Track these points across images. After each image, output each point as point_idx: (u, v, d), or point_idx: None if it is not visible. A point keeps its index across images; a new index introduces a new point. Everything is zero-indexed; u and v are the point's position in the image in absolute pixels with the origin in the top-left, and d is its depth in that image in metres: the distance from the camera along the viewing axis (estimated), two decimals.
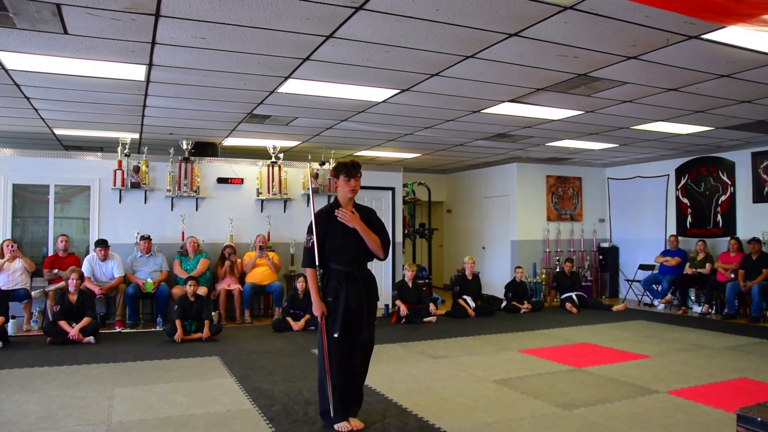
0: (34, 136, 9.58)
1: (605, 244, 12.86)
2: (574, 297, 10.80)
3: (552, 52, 5.23)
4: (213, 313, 8.11)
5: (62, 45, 5.03)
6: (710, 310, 9.82)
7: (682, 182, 11.48)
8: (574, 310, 10.45)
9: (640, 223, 12.37)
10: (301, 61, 5.53)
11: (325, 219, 4.32)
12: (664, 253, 11.07)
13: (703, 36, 4.77)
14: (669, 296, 10.64)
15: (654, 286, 11.03)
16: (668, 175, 11.78)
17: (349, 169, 4.30)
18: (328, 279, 4.27)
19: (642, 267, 11.69)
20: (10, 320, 7.58)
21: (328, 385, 4.14)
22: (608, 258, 12.71)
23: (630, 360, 6.52)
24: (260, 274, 9.26)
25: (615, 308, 10.53)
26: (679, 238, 11.17)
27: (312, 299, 4.28)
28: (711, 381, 5.58)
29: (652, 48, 5.09)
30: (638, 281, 11.51)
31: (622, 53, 5.26)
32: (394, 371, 5.96)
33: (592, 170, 13.08)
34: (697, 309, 10.21)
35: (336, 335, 4.13)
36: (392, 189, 11.06)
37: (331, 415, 4.18)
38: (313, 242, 4.25)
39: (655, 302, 10.97)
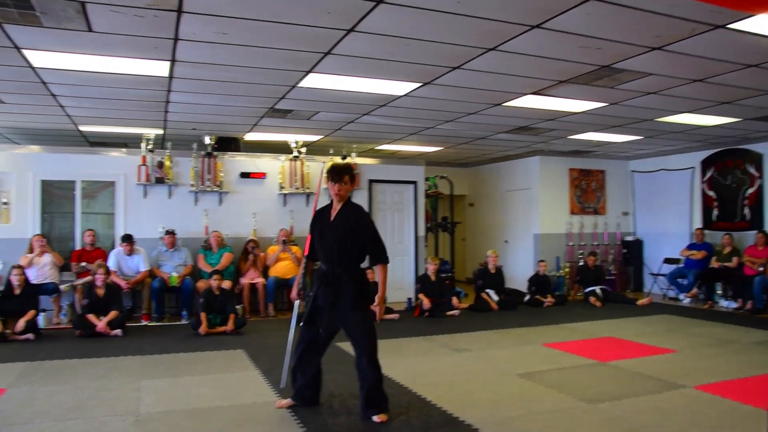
0: (60, 133, 9.72)
1: (629, 238, 12.73)
2: (598, 291, 10.72)
3: (574, 44, 5.19)
4: (237, 307, 8.18)
5: (87, 42, 5.09)
6: (744, 305, 9.61)
7: (708, 175, 11.31)
8: (598, 303, 10.38)
9: (664, 216, 12.22)
10: (323, 56, 5.54)
11: (316, 217, 4.59)
12: (690, 247, 10.93)
13: (729, 25, 4.69)
14: (695, 290, 10.51)
15: (679, 280, 10.89)
16: (693, 167, 11.61)
17: (334, 174, 4.42)
18: (317, 274, 4.54)
19: (667, 261, 11.55)
20: (41, 313, 7.71)
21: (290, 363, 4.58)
22: (632, 251, 12.57)
23: (655, 354, 6.46)
24: (283, 267, 9.31)
25: (639, 302, 10.43)
26: (705, 231, 11.01)
27: None
28: (739, 376, 5.50)
29: (676, 38, 5.02)
30: (663, 275, 11.38)
31: (645, 44, 5.19)
32: (418, 364, 5.98)
33: (615, 163, 12.94)
34: (724, 303, 10.06)
35: (304, 324, 4.45)
36: (414, 183, 11.05)
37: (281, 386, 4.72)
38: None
39: (681, 296, 10.84)
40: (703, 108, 7.80)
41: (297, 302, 4.82)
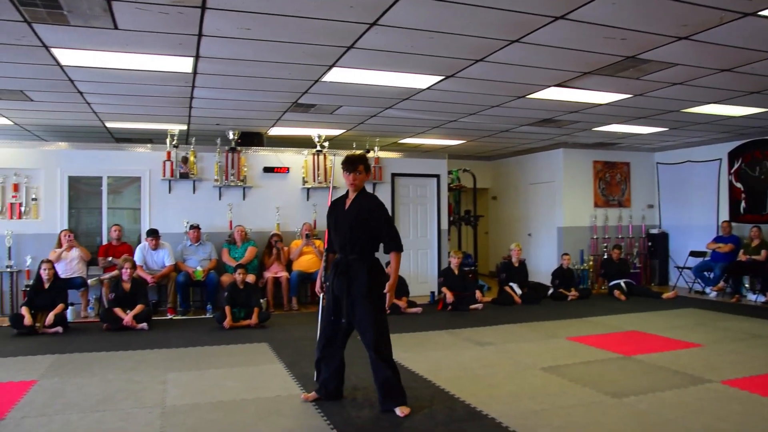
0: (87, 130, 9.86)
1: (654, 231, 12.58)
2: (623, 284, 10.62)
3: (599, 35, 5.13)
4: (261, 301, 8.24)
5: (113, 40, 5.16)
6: None
7: (736, 166, 11.12)
8: (623, 297, 10.28)
9: (690, 208, 12.06)
10: (345, 50, 5.55)
11: (332, 208, 4.63)
12: (717, 240, 10.77)
13: (760, 12, 4.59)
14: (721, 284, 10.35)
15: (705, 273, 10.74)
16: (720, 159, 11.43)
17: (347, 164, 4.48)
18: (332, 265, 4.58)
19: (693, 254, 11.39)
20: (69, 307, 7.83)
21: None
22: (657, 244, 12.44)
23: (681, 348, 6.39)
24: (307, 261, 9.36)
25: (665, 296, 10.31)
26: (733, 224, 10.84)
27: None
28: (767, 371, 5.42)
29: (704, 27, 4.94)
30: (689, 268, 11.24)
31: (672, 34, 5.12)
32: (441, 358, 5.98)
33: (640, 155, 12.78)
34: (752, 297, 9.90)
35: (327, 317, 4.49)
36: (437, 176, 11.02)
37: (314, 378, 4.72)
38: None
39: (707, 290, 10.69)
40: (731, 98, 7.68)
41: (321, 295, 4.83)
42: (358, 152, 4.62)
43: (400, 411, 4.23)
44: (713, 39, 5.24)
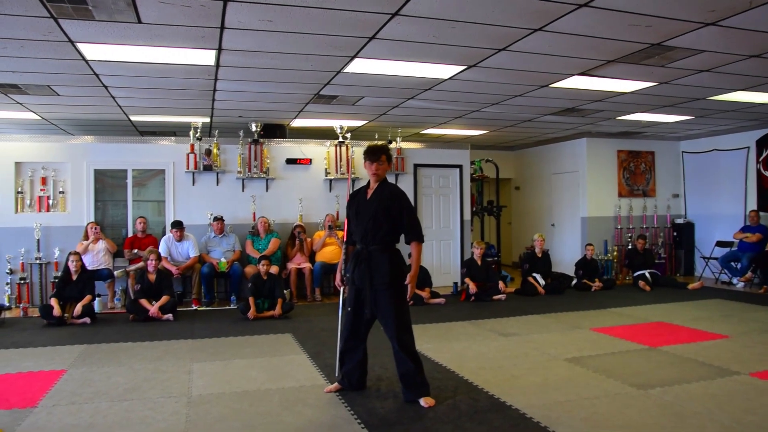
0: (112, 123, 9.98)
1: (680, 221, 12.43)
2: (647, 275, 10.51)
3: (624, 22, 5.06)
4: (285, 292, 8.29)
5: (136, 34, 5.20)
6: None
7: (765, 154, 10.92)
8: (647, 288, 10.18)
9: (717, 198, 11.88)
10: (367, 40, 5.54)
11: (352, 198, 4.62)
12: (744, 229, 10.60)
13: None
14: (749, 274, 10.20)
15: (732, 263, 10.59)
16: (748, 147, 11.22)
17: (370, 154, 4.46)
18: (351, 256, 4.55)
19: (719, 244, 11.24)
20: (96, 298, 7.96)
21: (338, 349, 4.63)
22: (683, 234, 12.28)
23: (707, 340, 6.31)
24: (330, 252, 9.39)
25: (690, 286, 10.18)
26: (761, 213, 10.65)
27: None
28: None
29: (732, 12, 4.84)
30: (715, 258, 11.09)
31: (699, 20, 5.03)
32: (464, 349, 5.98)
33: (665, 144, 12.61)
34: None
35: (348, 309, 4.47)
36: (460, 167, 10.99)
37: (336, 374, 4.72)
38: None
39: (734, 280, 10.55)
40: (759, 84, 7.53)
41: (342, 288, 4.82)
42: (381, 143, 4.59)
43: (424, 402, 4.23)
44: (741, 24, 5.13)
